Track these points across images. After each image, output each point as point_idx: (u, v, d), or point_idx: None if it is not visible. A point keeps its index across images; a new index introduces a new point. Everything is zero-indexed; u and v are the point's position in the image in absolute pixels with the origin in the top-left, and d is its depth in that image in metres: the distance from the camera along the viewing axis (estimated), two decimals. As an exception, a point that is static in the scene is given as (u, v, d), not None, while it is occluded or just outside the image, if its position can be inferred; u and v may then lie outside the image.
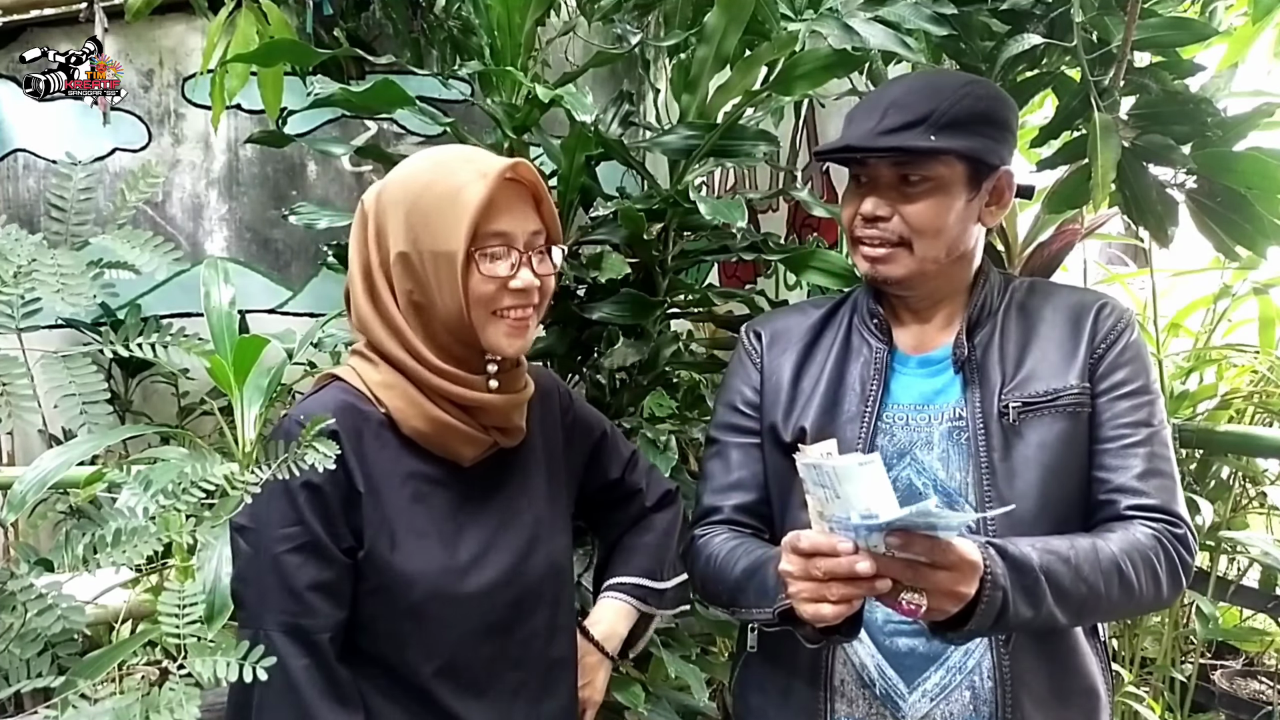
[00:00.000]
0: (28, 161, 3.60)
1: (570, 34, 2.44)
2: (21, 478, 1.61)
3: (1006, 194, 1.18)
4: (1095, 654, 1.18)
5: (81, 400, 0.68)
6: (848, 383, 1.21)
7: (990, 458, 1.12)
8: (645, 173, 1.84)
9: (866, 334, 1.23)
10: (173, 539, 0.76)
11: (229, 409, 1.85)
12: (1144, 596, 1.06)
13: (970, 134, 1.11)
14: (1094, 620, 1.15)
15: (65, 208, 0.72)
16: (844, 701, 1.16)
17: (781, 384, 1.25)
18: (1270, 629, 2.73)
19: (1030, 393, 1.13)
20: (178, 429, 2.37)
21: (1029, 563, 0.99)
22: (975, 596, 0.94)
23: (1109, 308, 1.18)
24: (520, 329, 1.10)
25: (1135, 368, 1.15)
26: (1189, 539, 1.10)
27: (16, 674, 0.70)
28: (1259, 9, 1.72)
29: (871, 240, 1.17)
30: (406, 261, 1.07)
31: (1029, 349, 1.17)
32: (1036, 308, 1.20)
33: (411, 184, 1.09)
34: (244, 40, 2.13)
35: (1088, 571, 1.02)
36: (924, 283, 1.18)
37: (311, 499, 1.04)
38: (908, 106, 1.12)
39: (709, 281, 3.19)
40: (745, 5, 1.65)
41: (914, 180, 1.13)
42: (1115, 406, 1.13)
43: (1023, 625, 1.03)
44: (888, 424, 1.18)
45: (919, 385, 1.19)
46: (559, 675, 1.21)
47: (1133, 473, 1.11)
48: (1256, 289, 2.62)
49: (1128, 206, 1.78)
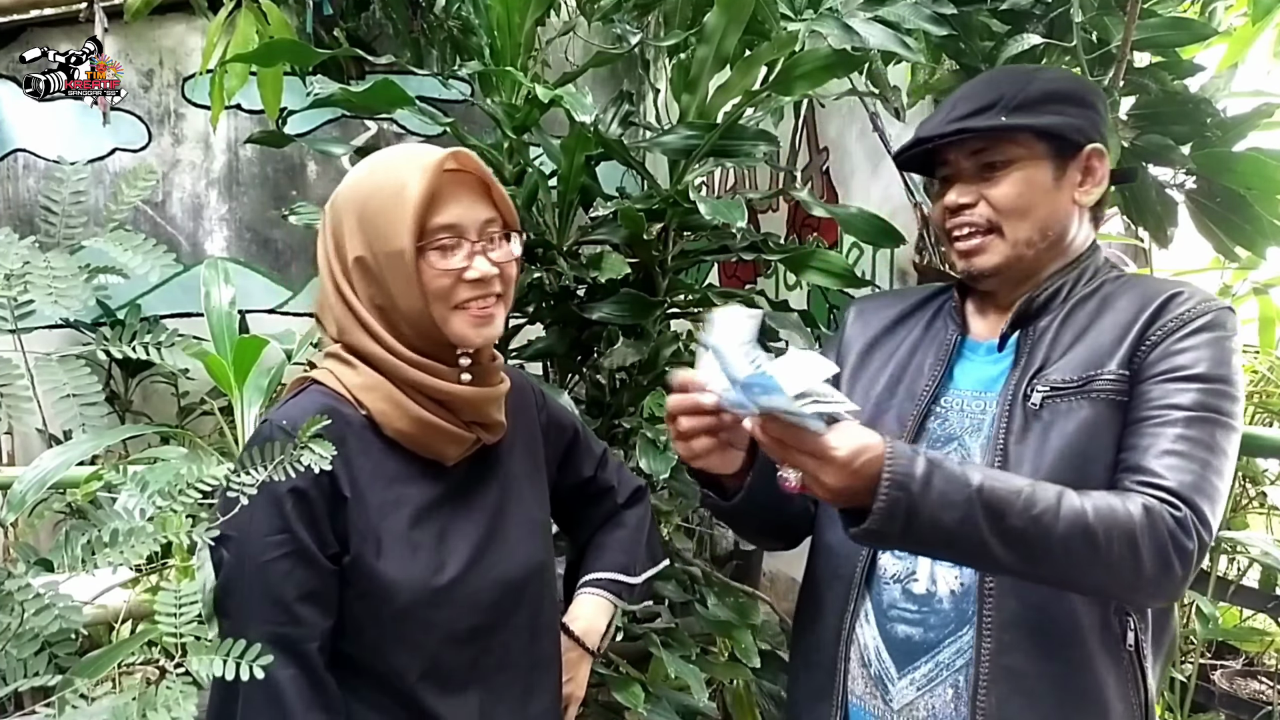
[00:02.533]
0: (28, 161, 3.61)
1: (570, 34, 2.44)
2: (21, 478, 1.61)
3: (1100, 171, 1.14)
4: (1113, 659, 1.07)
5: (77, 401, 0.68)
6: (915, 364, 1.22)
7: (1005, 440, 1.09)
8: (645, 173, 1.84)
9: (947, 319, 1.24)
10: (171, 539, 0.76)
11: (229, 409, 1.85)
12: (1117, 566, 0.96)
13: (1044, 112, 1.10)
14: (1052, 575, 1.01)
15: (58, 210, 0.72)
16: (850, 679, 1.18)
17: (849, 355, 1.28)
18: (1270, 629, 2.73)
19: (1062, 378, 1.09)
20: (178, 429, 2.37)
21: (964, 478, 0.95)
22: (876, 494, 0.93)
23: (1182, 297, 1.09)
24: (484, 318, 1.09)
25: (1196, 355, 1.05)
26: (1191, 526, 0.98)
27: (14, 673, 0.70)
28: (1259, 9, 1.72)
29: (961, 230, 1.16)
30: (364, 266, 1.07)
31: (1084, 336, 1.12)
32: (1116, 297, 1.13)
33: (359, 188, 1.09)
34: (244, 40, 2.13)
35: (1040, 511, 0.95)
36: (1019, 269, 1.16)
37: (298, 505, 1.02)
38: (976, 96, 1.13)
39: (709, 281, 3.19)
40: (745, 5, 1.65)
41: (994, 164, 1.13)
42: (1157, 389, 1.05)
43: (945, 543, 0.97)
44: (944, 409, 1.18)
45: (982, 370, 1.18)
46: (543, 675, 1.21)
47: (1150, 452, 1.02)
48: (1256, 289, 2.62)
49: (1127, 207, 1.78)
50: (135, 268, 0.72)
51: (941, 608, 1.11)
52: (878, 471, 0.93)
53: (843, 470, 0.93)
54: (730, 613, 1.85)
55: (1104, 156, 1.15)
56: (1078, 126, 1.13)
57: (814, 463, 0.94)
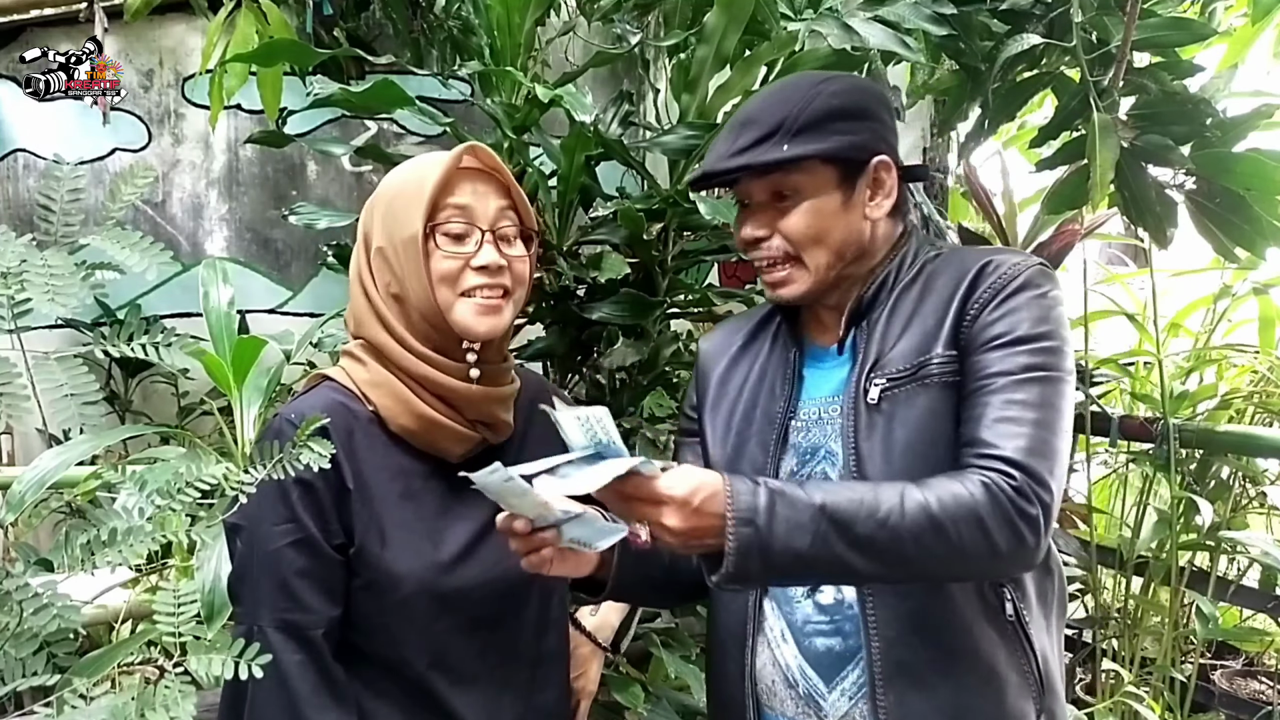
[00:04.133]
0: (28, 161, 3.60)
1: (570, 34, 2.44)
2: (21, 478, 1.61)
3: (888, 181, 1.14)
4: (999, 633, 1.08)
5: (76, 400, 0.68)
6: (766, 387, 1.22)
7: (856, 439, 1.10)
8: (645, 173, 1.84)
9: (787, 333, 1.24)
10: (170, 538, 0.76)
11: (228, 409, 1.85)
12: (971, 550, 0.97)
13: (826, 134, 1.09)
14: (912, 573, 1.02)
15: (55, 208, 0.72)
16: (774, 700, 1.17)
17: (708, 387, 1.28)
18: (1270, 629, 2.73)
19: (895, 369, 1.10)
20: (177, 429, 2.37)
21: (807, 499, 0.95)
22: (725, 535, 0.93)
23: (993, 265, 1.10)
24: (489, 309, 1.11)
25: (1015, 318, 1.06)
26: (1028, 491, 0.98)
27: (12, 673, 0.70)
28: (1259, 9, 1.73)
29: (763, 262, 1.17)
30: (383, 256, 1.11)
31: (912, 322, 1.12)
32: (935, 277, 1.14)
33: (388, 186, 1.15)
34: (244, 40, 2.13)
35: (885, 513, 0.95)
36: (829, 289, 1.17)
37: (304, 495, 1.06)
38: (759, 120, 1.11)
39: (709, 281, 3.19)
40: (745, 5, 1.65)
41: (785, 194, 1.12)
42: (981, 359, 1.06)
43: (805, 566, 0.97)
44: (803, 421, 1.18)
45: (833, 375, 1.18)
46: (550, 669, 1.22)
47: (981, 422, 1.03)
48: (1256, 289, 2.62)
49: (1127, 207, 1.78)
50: (133, 266, 0.72)
51: (853, 613, 1.11)
52: (721, 511, 0.94)
53: (683, 509, 0.94)
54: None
55: (889, 166, 1.14)
56: (860, 144, 1.12)
57: (654, 508, 0.94)
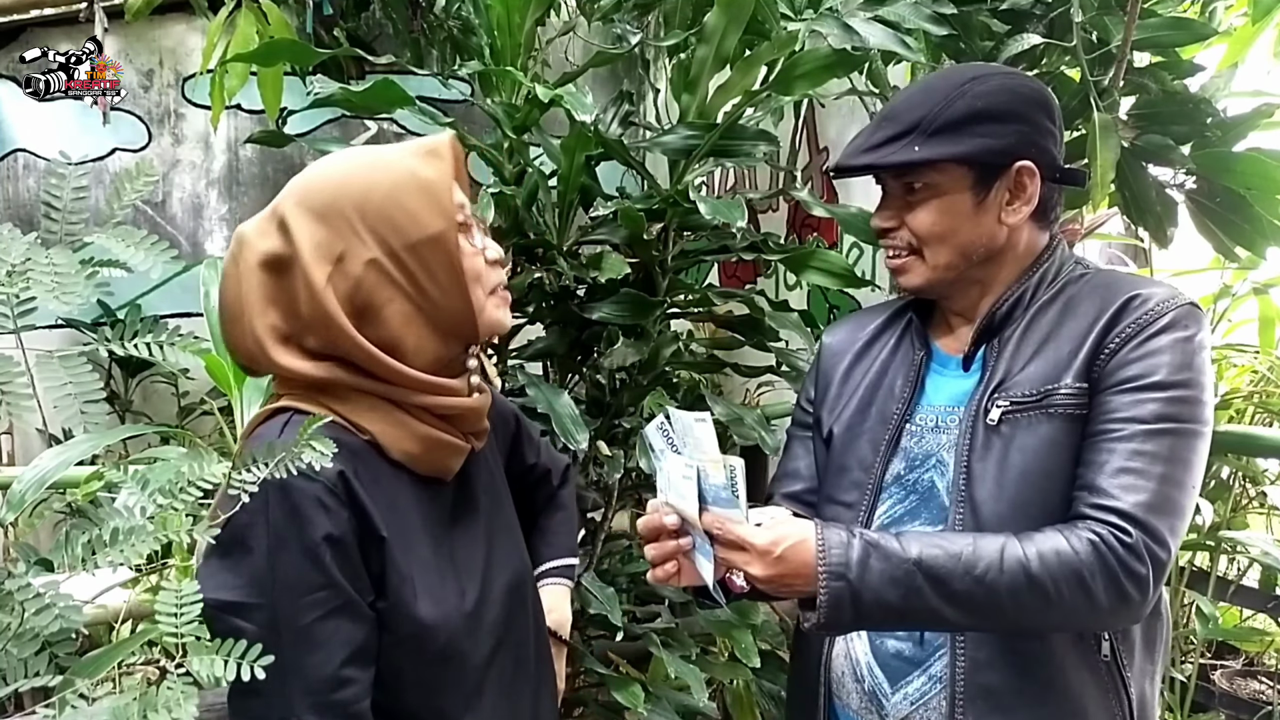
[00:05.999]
0: (28, 161, 3.60)
1: (570, 34, 2.44)
2: (21, 477, 1.61)
3: (1030, 187, 1.11)
4: (1090, 671, 1.07)
5: (78, 400, 0.68)
6: (885, 385, 1.22)
7: (969, 458, 1.09)
8: (645, 173, 1.84)
9: (915, 334, 1.24)
10: (171, 538, 0.76)
11: (229, 409, 1.85)
12: (1070, 607, 0.96)
13: (965, 136, 1.08)
14: (1008, 626, 1.03)
15: (60, 207, 0.72)
16: (842, 691, 1.18)
17: (831, 382, 1.28)
18: (1270, 629, 2.73)
19: (1021, 393, 1.08)
20: (177, 429, 2.37)
21: (902, 554, 0.96)
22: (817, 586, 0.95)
23: (1141, 298, 1.05)
24: (506, 300, 1.07)
25: (1156, 361, 1.01)
26: (1142, 550, 0.96)
27: (14, 674, 0.70)
28: (1259, 9, 1.72)
29: (888, 251, 1.17)
30: (381, 268, 0.95)
31: (1046, 346, 1.09)
32: (1078, 300, 1.10)
33: (345, 191, 0.96)
34: (244, 40, 2.13)
35: (982, 571, 0.95)
36: (951, 287, 1.16)
37: (336, 555, 0.91)
38: (898, 117, 1.11)
39: (709, 281, 3.19)
40: (745, 5, 1.65)
41: (916, 188, 1.12)
42: (1114, 400, 1.02)
43: (899, 617, 0.98)
44: (919, 426, 1.17)
45: (955, 385, 1.17)
46: (546, 667, 1.21)
47: (1105, 469, 1.00)
48: (1256, 289, 2.61)
49: (1127, 206, 1.78)
50: (139, 265, 0.72)
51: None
52: (810, 561, 0.96)
53: (765, 558, 0.96)
54: (730, 613, 1.85)
55: (1034, 173, 1.10)
56: (1000, 148, 1.09)
57: (739, 554, 0.97)
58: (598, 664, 1.83)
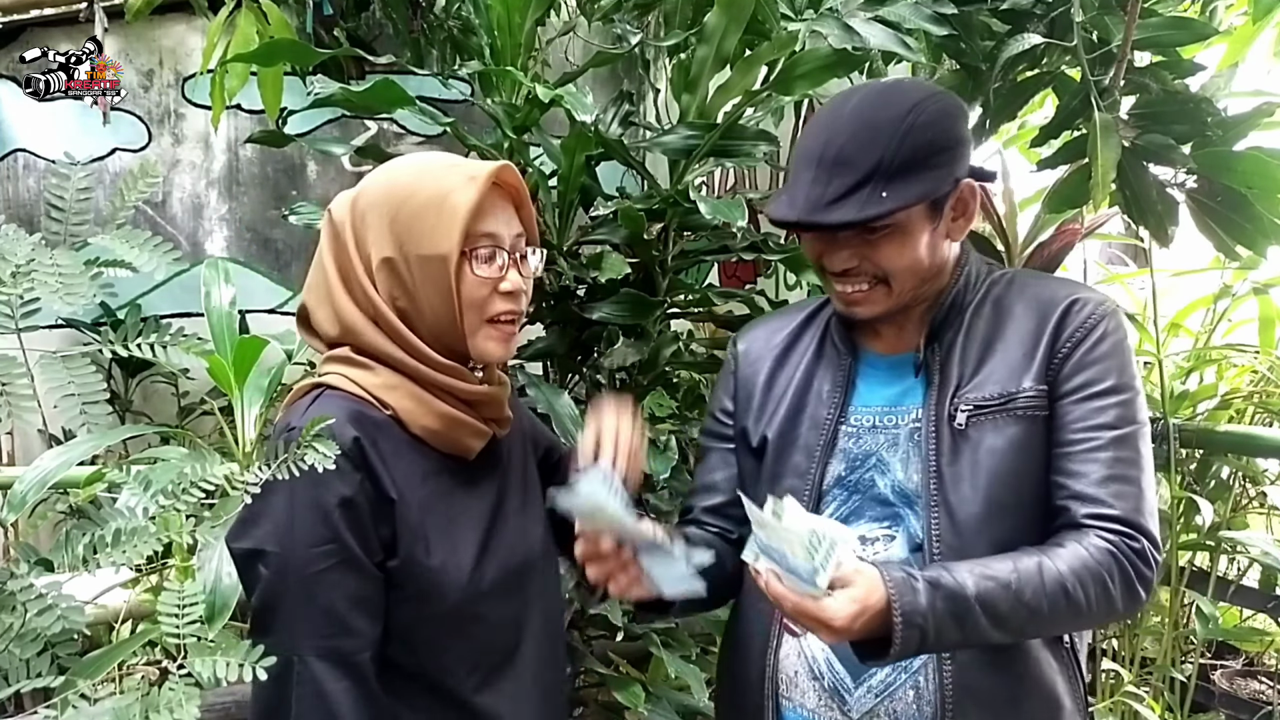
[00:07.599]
0: (28, 161, 3.60)
1: (570, 34, 2.44)
2: (21, 478, 1.61)
3: (971, 203, 1.13)
4: (1058, 660, 1.14)
5: (80, 400, 0.68)
6: (814, 391, 1.22)
7: (938, 462, 1.11)
8: (645, 173, 1.84)
9: (839, 339, 1.23)
10: (173, 539, 0.76)
11: (229, 409, 1.85)
12: (1094, 612, 1.04)
13: (923, 171, 1.06)
14: (1036, 636, 1.11)
15: (64, 207, 0.72)
16: (794, 692, 1.18)
17: (754, 391, 1.28)
18: (1270, 629, 2.73)
19: (982, 396, 1.11)
20: (178, 429, 2.37)
21: (962, 592, 0.99)
22: (889, 633, 0.97)
23: (1079, 303, 1.12)
24: (508, 336, 1.11)
25: (1105, 366, 1.09)
26: (1148, 553, 1.05)
27: (16, 674, 0.70)
28: (1259, 9, 1.73)
29: (847, 286, 1.14)
30: (392, 267, 1.06)
31: (992, 348, 1.13)
32: (1010, 303, 1.16)
33: (394, 190, 1.08)
34: (244, 40, 2.13)
35: (1029, 595, 1.01)
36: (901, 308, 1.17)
37: (346, 514, 1.01)
38: (851, 162, 1.06)
39: (709, 281, 3.19)
40: (745, 5, 1.65)
41: (877, 229, 1.09)
42: (1078, 409, 1.09)
43: (953, 647, 1.06)
44: (855, 427, 1.18)
45: (888, 387, 1.19)
46: (560, 646, 1.25)
47: (1092, 479, 1.07)
48: (1256, 289, 2.62)
49: (1128, 206, 1.78)
50: (142, 265, 0.72)
51: None
52: (882, 612, 0.97)
53: (843, 633, 0.98)
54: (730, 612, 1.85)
55: (974, 190, 1.13)
56: (951, 175, 1.09)
57: (815, 624, 0.98)
58: (598, 664, 1.84)
